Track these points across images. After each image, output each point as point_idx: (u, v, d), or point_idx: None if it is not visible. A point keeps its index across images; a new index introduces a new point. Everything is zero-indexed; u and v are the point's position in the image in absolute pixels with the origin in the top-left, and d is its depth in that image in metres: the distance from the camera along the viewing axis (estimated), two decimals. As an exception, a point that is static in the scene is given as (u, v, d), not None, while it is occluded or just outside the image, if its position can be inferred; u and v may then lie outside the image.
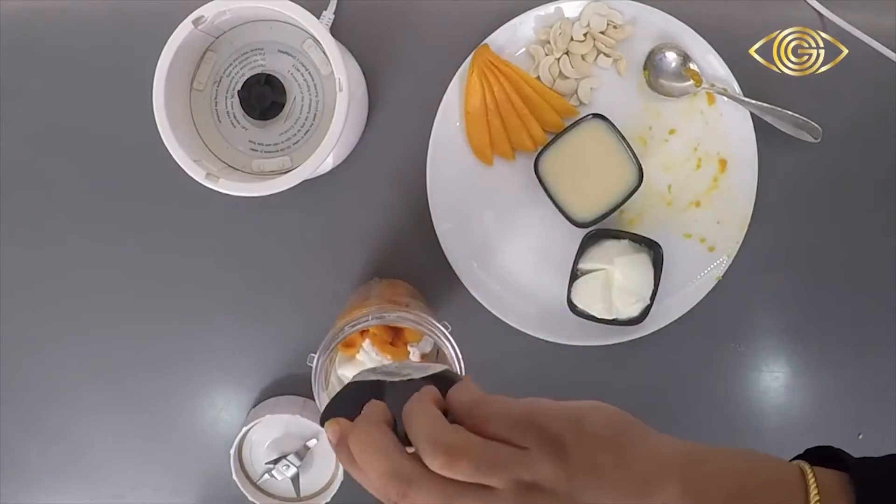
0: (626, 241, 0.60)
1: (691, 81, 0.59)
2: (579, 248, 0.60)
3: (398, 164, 0.62)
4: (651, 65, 0.60)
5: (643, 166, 0.58)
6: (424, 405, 0.33)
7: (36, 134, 0.62)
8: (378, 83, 0.62)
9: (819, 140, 0.60)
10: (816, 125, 0.60)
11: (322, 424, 0.35)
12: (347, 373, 0.55)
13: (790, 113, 0.59)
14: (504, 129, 0.61)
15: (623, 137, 0.58)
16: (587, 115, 0.58)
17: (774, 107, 0.59)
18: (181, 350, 0.65)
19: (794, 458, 0.37)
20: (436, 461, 0.30)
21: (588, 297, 0.60)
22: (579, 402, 0.34)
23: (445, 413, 0.33)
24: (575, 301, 0.60)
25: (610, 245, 0.60)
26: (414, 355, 0.55)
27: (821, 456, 0.37)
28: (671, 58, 0.59)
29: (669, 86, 0.60)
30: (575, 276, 0.60)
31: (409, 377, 0.36)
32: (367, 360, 0.54)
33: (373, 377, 0.36)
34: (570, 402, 0.34)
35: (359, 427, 0.33)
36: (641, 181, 0.58)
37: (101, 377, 0.66)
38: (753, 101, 0.59)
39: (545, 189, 0.59)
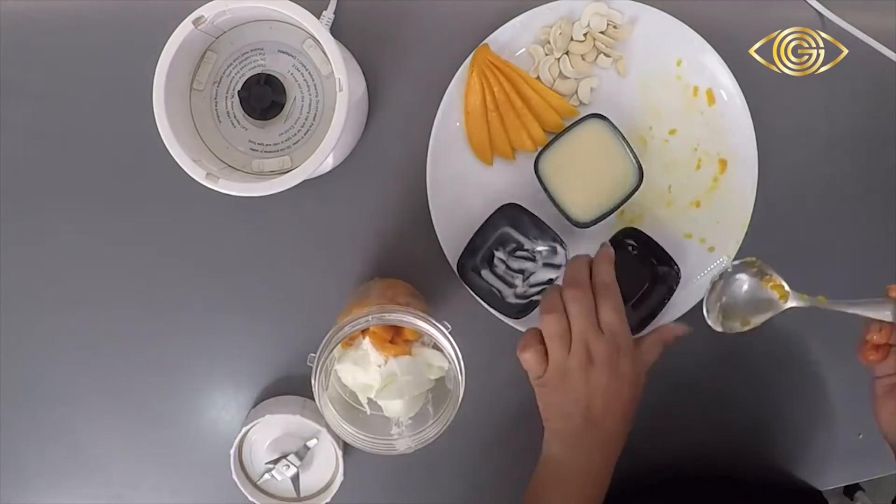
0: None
1: (775, 294, 0.55)
2: None
3: (398, 164, 0.62)
4: (714, 300, 0.55)
5: (643, 166, 0.58)
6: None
7: (36, 134, 0.62)
8: (378, 83, 0.62)
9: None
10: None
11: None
12: (347, 372, 0.56)
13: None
14: (504, 129, 0.61)
15: (623, 137, 0.58)
16: (587, 116, 0.58)
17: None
18: (181, 350, 0.66)
19: None
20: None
21: None
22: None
23: None
24: None
25: None
26: (417, 354, 0.55)
27: None
28: (743, 279, 0.55)
29: (752, 318, 0.55)
30: None
31: None
32: (363, 356, 0.54)
33: None
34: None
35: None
36: (641, 181, 0.58)
37: (101, 377, 0.66)
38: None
39: (545, 189, 0.59)
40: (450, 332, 0.51)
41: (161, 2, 0.57)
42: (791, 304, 0.55)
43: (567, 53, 0.60)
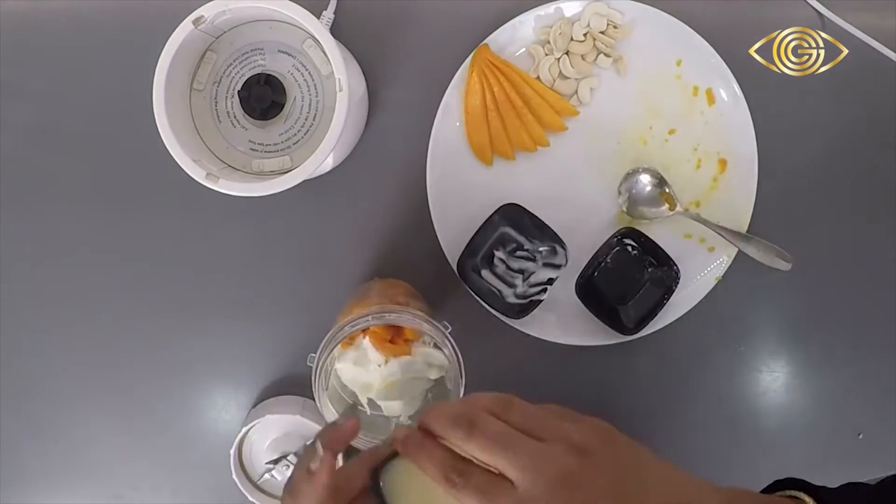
0: None
1: (666, 206, 0.61)
2: None
3: (398, 164, 0.62)
4: (626, 190, 0.61)
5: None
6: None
7: (36, 134, 0.62)
8: (378, 83, 0.62)
9: (790, 268, 0.61)
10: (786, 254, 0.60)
11: None
12: (347, 372, 0.56)
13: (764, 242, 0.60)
14: (504, 129, 0.61)
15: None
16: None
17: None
18: (181, 350, 0.65)
19: (764, 491, 0.40)
20: (459, 431, 0.33)
21: None
22: (591, 419, 0.37)
23: None
24: None
25: None
26: (417, 354, 0.55)
27: (783, 486, 0.41)
28: (646, 181, 0.61)
29: (647, 211, 0.61)
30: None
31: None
32: (363, 356, 0.54)
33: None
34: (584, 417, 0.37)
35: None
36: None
37: (101, 377, 0.66)
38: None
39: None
40: (450, 332, 0.51)
41: (161, 2, 0.57)
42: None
43: (567, 53, 0.60)
